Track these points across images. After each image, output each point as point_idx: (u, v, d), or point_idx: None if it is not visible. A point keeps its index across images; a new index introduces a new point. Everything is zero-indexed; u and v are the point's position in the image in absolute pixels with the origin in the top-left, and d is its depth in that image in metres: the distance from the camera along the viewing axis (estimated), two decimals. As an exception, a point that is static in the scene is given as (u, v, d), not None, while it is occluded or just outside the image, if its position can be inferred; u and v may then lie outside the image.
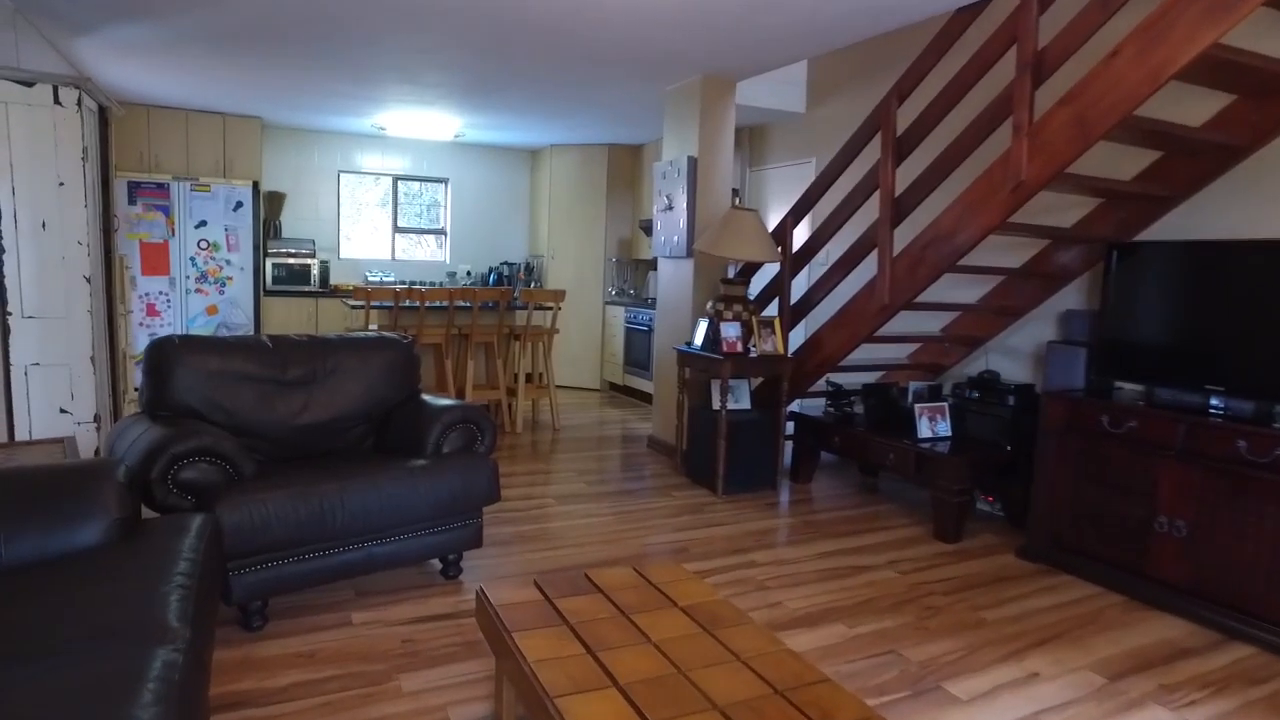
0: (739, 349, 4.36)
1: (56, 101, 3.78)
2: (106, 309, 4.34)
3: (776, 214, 6.20)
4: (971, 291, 4.51)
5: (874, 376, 5.06)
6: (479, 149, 8.40)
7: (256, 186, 6.93)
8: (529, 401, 6.79)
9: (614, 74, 4.94)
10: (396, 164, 8.12)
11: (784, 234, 4.70)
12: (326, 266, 7.54)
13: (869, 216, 4.66)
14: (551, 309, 5.95)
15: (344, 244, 8.03)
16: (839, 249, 5.08)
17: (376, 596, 2.94)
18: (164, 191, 6.53)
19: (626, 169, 7.85)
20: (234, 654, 2.48)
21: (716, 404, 4.48)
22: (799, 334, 5.62)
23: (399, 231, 8.30)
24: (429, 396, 3.35)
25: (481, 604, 2.13)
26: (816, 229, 4.48)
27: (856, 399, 4.63)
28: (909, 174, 4.24)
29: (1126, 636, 2.81)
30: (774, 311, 5.54)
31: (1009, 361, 4.36)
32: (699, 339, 4.56)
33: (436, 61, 4.81)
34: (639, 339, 7.08)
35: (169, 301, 6.62)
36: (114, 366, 4.47)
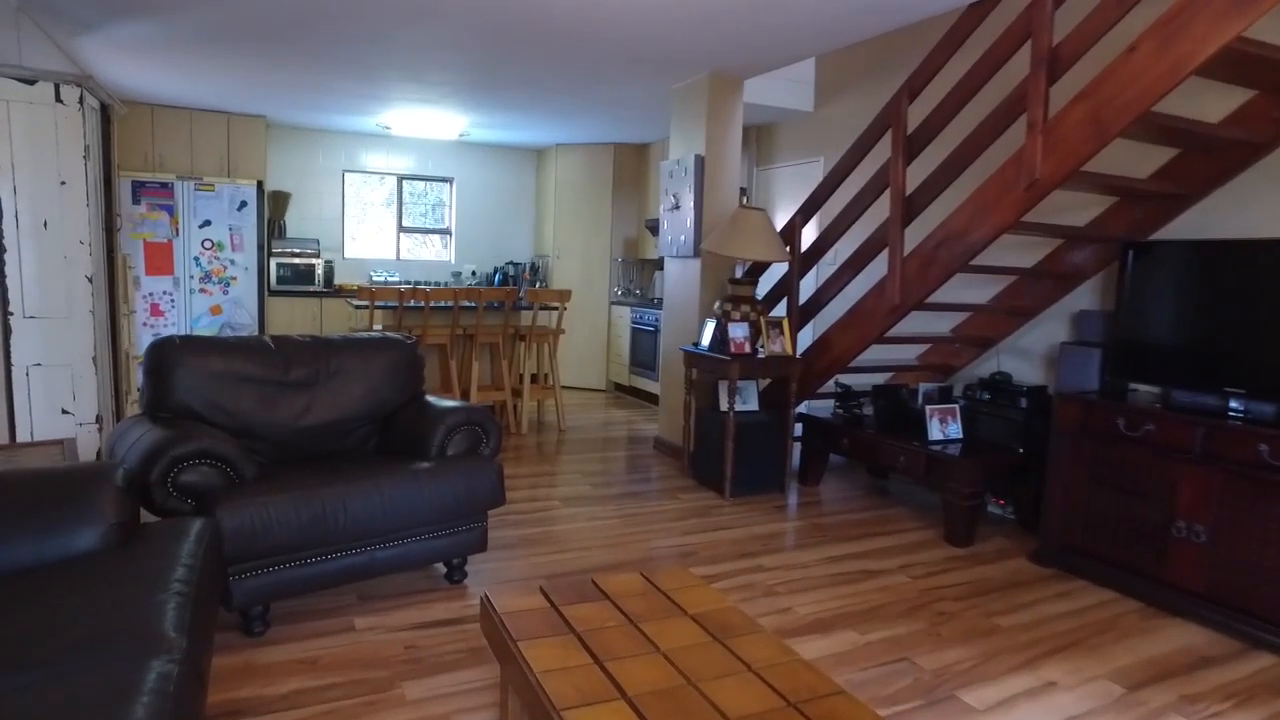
0: (747, 350, 4.31)
1: (58, 99, 3.74)
2: (109, 309, 4.31)
3: (784, 213, 6.15)
4: (982, 291, 4.45)
5: (883, 378, 5.01)
6: (484, 148, 8.36)
7: (261, 186, 6.89)
8: (534, 402, 6.75)
9: (620, 72, 4.89)
10: (401, 163, 8.08)
11: (792, 233, 4.65)
12: (331, 266, 7.51)
13: (878, 216, 4.61)
14: (557, 309, 5.91)
15: (349, 244, 8.00)
16: (847, 249, 5.03)
17: (380, 601, 2.89)
18: (168, 191, 6.50)
19: (632, 168, 7.80)
20: (234, 660, 2.43)
21: (724, 405, 4.43)
22: (806, 335, 5.57)
23: (404, 231, 8.27)
24: (433, 398, 3.31)
25: (486, 611, 2.08)
26: (825, 228, 4.42)
27: (866, 400, 4.57)
28: (920, 173, 4.18)
29: (1145, 644, 2.75)
30: (782, 312, 5.49)
31: (1020, 363, 4.29)
32: (706, 340, 4.51)
33: (441, 60, 4.77)
34: (645, 339, 7.03)
35: (173, 301, 6.59)
36: (116, 367, 4.44)
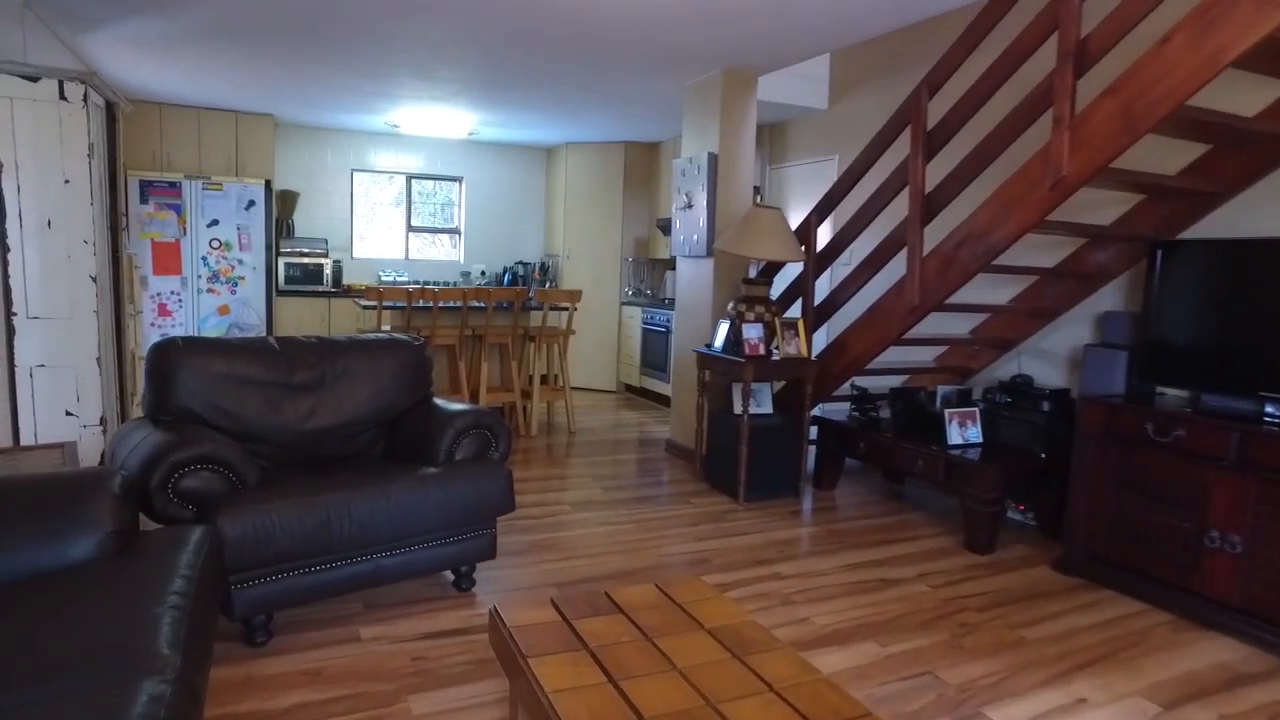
0: (761, 351, 4.21)
1: (62, 97, 3.68)
2: (114, 309, 4.25)
3: (797, 213, 6.05)
4: (1002, 292, 4.35)
5: (899, 380, 4.91)
6: (494, 147, 8.29)
7: (269, 185, 6.85)
8: (544, 404, 6.67)
9: (632, 68, 4.81)
10: (410, 162, 8.02)
11: (807, 232, 4.56)
12: (339, 266, 7.46)
13: (894, 216, 4.51)
14: (567, 309, 5.83)
15: (357, 243, 7.95)
16: (863, 249, 4.93)
17: (386, 610, 2.82)
18: (176, 190, 6.46)
19: (643, 167, 7.72)
20: (235, 672, 2.36)
21: (738, 408, 4.34)
22: (820, 337, 5.47)
23: (413, 231, 8.21)
24: (441, 400, 3.23)
25: (495, 624, 2.00)
26: (842, 227, 4.32)
27: (883, 403, 4.47)
28: (939, 171, 4.09)
29: (1178, 659, 2.65)
30: (797, 313, 5.40)
31: (1042, 365, 4.19)
32: (719, 341, 4.42)
33: (450, 56, 4.70)
34: (656, 340, 6.95)
35: (180, 301, 6.55)
36: (121, 368, 4.39)
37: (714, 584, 3.17)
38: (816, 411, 4.77)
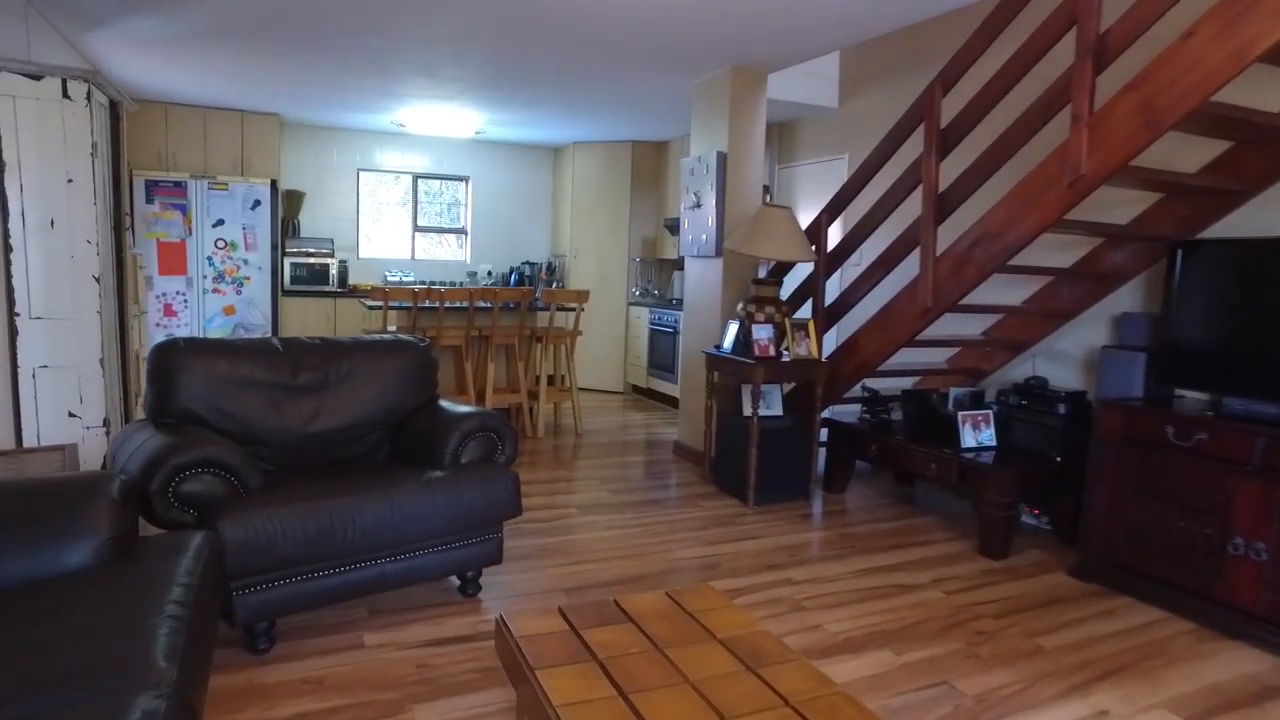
0: (771, 353, 4.15)
1: (65, 95, 3.65)
2: (118, 309, 4.22)
3: (806, 212, 5.99)
4: (1016, 293, 4.28)
5: (910, 382, 4.84)
6: (500, 146, 8.25)
7: (275, 185, 6.82)
8: (551, 405, 6.62)
9: (640, 66, 4.75)
10: (416, 162, 7.99)
11: (818, 232, 4.49)
12: (345, 266, 7.43)
13: (906, 216, 4.45)
14: (574, 310, 5.78)
15: (363, 243, 7.91)
16: (873, 249, 4.87)
17: (390, 615, 2.77)
18: (181, 190, 6.44)
19: (651, 166, 7.66)
20: (236, 680, 2.32)
21: (747, 410, 4.28)
22: (829, 339, 5.41)
23: (419, 231, 8.17)
24: (447, 403, 3.18)
25: (501, 634, 1.95)
26: (853, 227, 4.26)
27: (894, 405, 4.41)
28: (952, 169, 4.02)
29: (1202, 670, 2.58)
30: (807, 314, 5.34)
31: (1057, 367, 4.12)
32: (729, 342, 4.36)
33: (456, 53, 4.65)
34: (663, 341, 6.89)
35: (186, 302, 6.52)
36: (125, 369, 4.35)
37: (724, 589, 3.11)
38: (826, 414, 4.71)
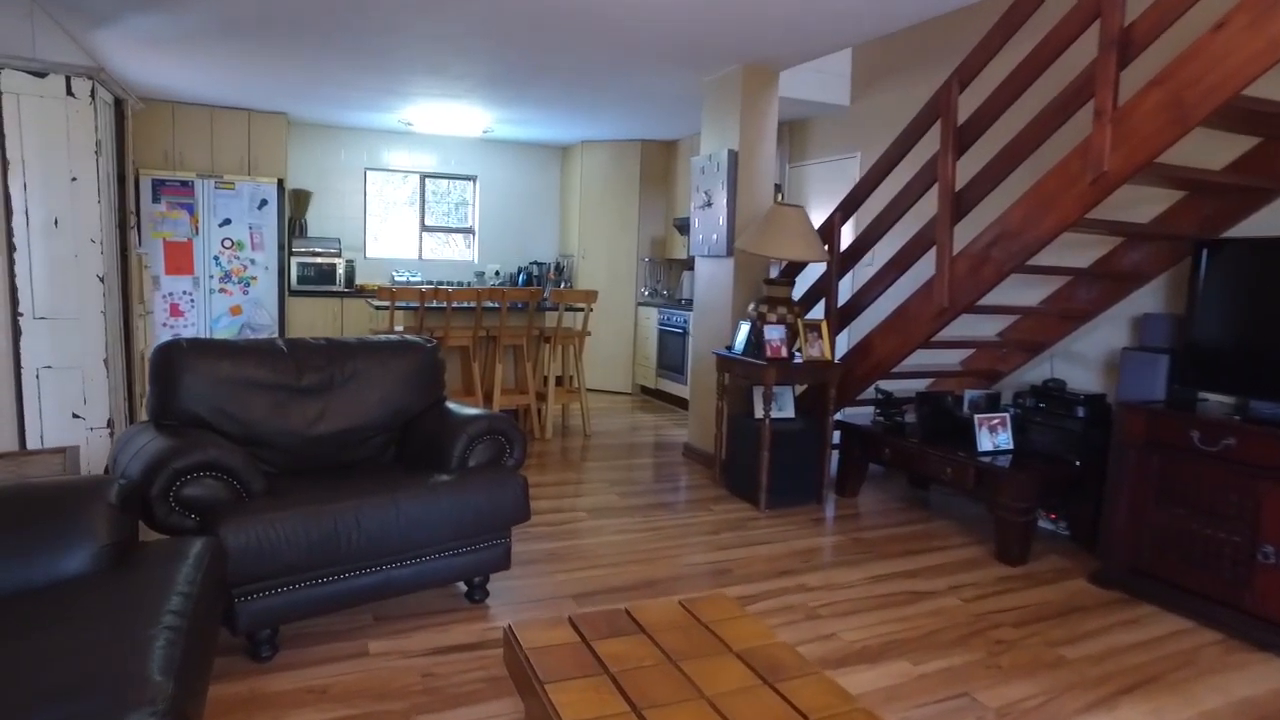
0: (783, 354, 4.08)
1: (69, 93, 3.61)
2: (122, 309, 4.17)
3: (817, 212, 5.91)
4: (1032, 293, 4.20)
5: (923, 384, 4.77)
6: (508, 145, 8.20)
7: (281, 184, 6.77)
8: (559, 406, 6.56)
9: (650, 64, 4.69)
10: (424, 161, 7.94)
11: (831, 231, 4.42)
12: (352, 266, 7.38)
13: (919, 216, 4.37)
14: (583, 310, 5.72)
15: (370, 243, 7.87)
16: (886, 249, 4.79)
17: (396, 622, 2.71)
18: (188, 189, 6.40)
19: (660, 165, 7.60)
20: (238, 688, 2.26)
21: (759, 412, 4.21)
22: (840, 341, 5.33)
23: (426, 230, 8.13)
24: (454, 405, 3.13)
25: (510, 645, 1.89)
26: (867, 226, 4.18)
27: (908, 408, 4.34)
28: (968, 168, 3.94)
29: (1232, 683, 2.50)
30: (818, 314, 5.27)
31: (1075, 369, 4.04)
32: (740, 343, 4.29)
33: (464, 50, 4.59)
34: (673, 341, 6.83)
35: (193, 301, 6.49)
36: (130, 369, 4.31)
37: (736, 596, 3.04)
38: (838, 416, 4.64)
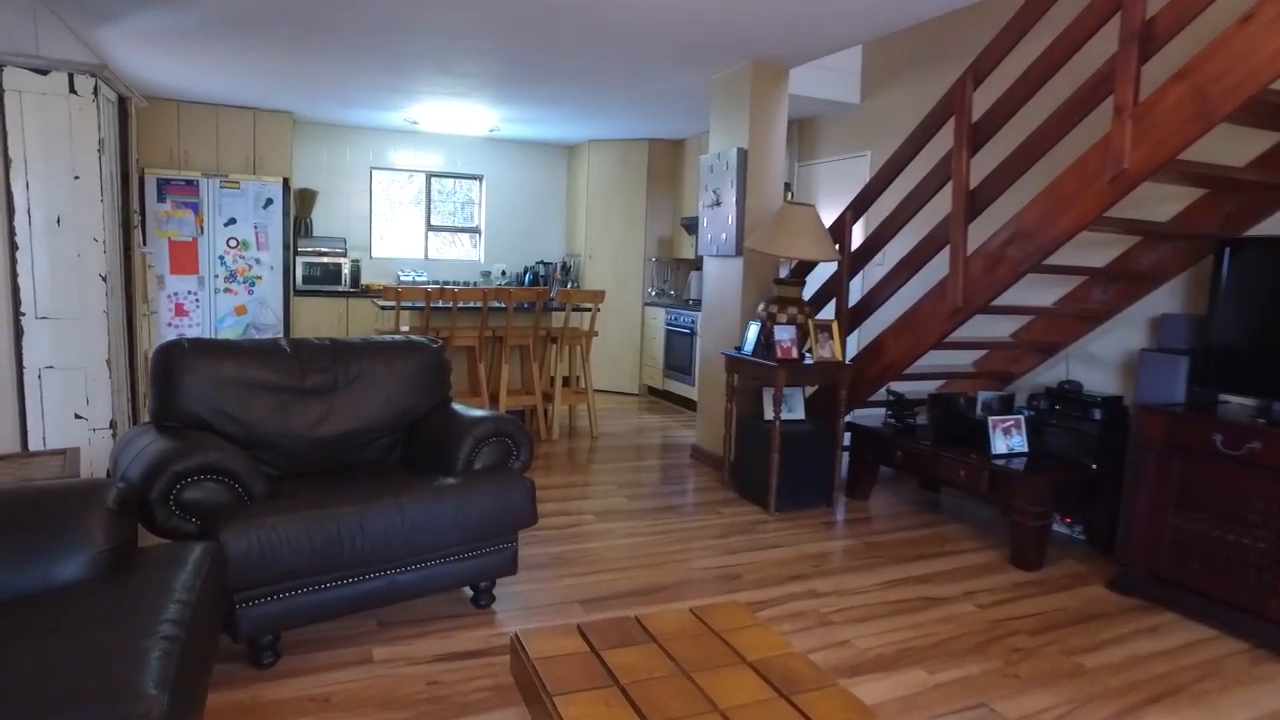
0: (794, 355, 4.02)
1: (72, 90, 3.57)
2: (125, 309, 4.14)
3: (826, 210, 5.85)
4: (1045, 293, 4.13)
5: (934, 385, 4.70)
6: (515, 145, 8.15)
7: (287, 183, 6.74)
8: (566, 407, 6.51)
9: (658, 61, 4.63)
10: (430, 160, 7.90)
11: (842, 230, 4.36)
12: (358, 266, 7.35)
13: (931, 215, 4.30)
14: (590, 310, 5.67)
15: (376, 243, 7.83)
16: (897, 249, 4.72)
17: (401, 628, 2.66)
18: (193, 188, 6.37)
19: (667, 165, 7.54)
20: (239, 696, 2.21)
21: (769, 414, 4.15)
22: (851, 341, 5.27)
23: (432, 230, 8.08)
24: (460, 406, 3.07)
25: (517, 654, 1.83)
26: (880, 224, 4.12)
27: (920, 409, 4.27)
28: (983, 165, 3.88)
29: (1261, 695, 2.43)
30: (829, 314, 5.21)
31: (1091, 370, 3.97)
32: (750, 343, 4.23)
33: (470, 48, 4.54)
34: (680, 342, 6.77)
35: (198, 301, 6.46)
36: (134, 369, 4.27)
37: (747, 601, 2.99)
38: (848, 418, 4.58)
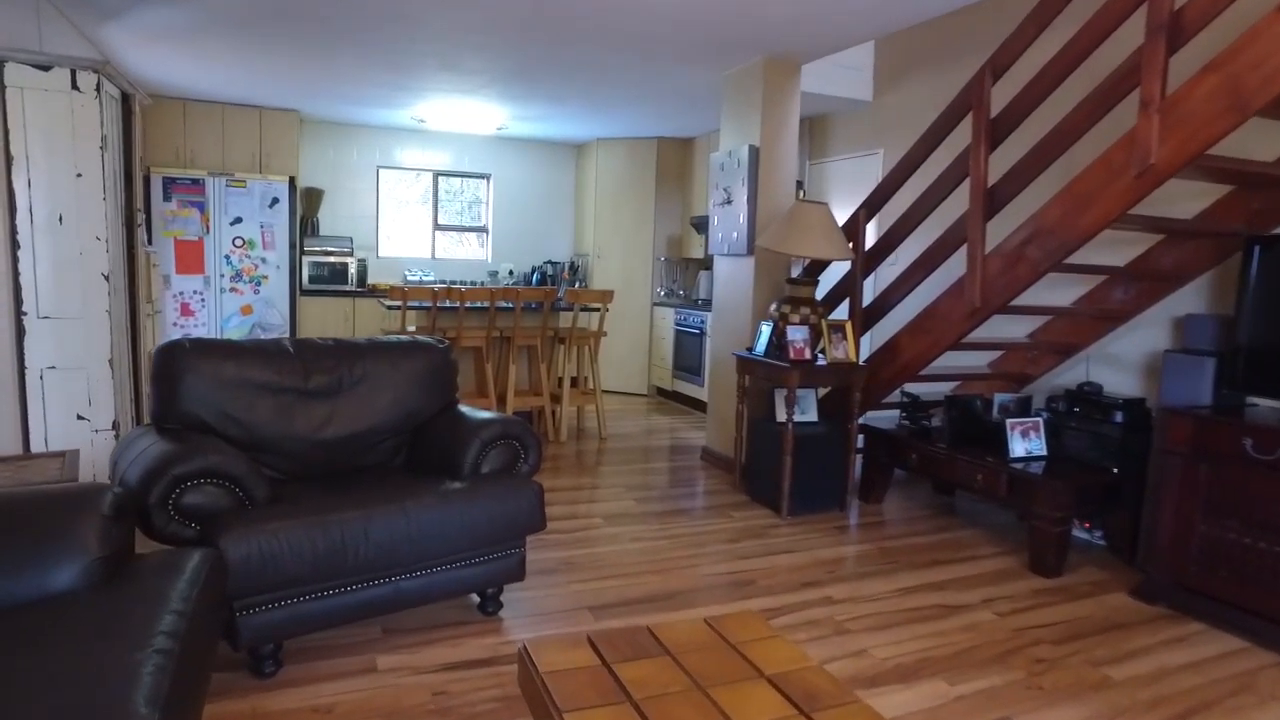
0: (807, 355, 3.94)
1: (74, 86, 3.52)
2: (129, 308, 4.09)
3: (838, 209, 5.76)
4: (1063, 293, 4.04)
5: (948, 387, 4.61)
6: (522, 143, 8.09)
7: (293, 182, 6.69)
8: (574, 408, 6.45)
9: (668, 56, 4.56)
10: (437, 159, 7.84)
11: (856, 229, 4.28)
12: (365, 265, 7.30)
13: (945, 215, 4.22)
14: (598, 310, 5.60)
15: (383, 242, 7.78)
16: (912, 248, 4.64)
17: (405, 635, 2.60)
18: (199, 187, 6.33)
19: (676, 163, 7.47)
20: (240, 706, 2.15)
21: (781, 416, 4.07)
22: (864, 342, 5.18)
23: (439, 229, 8.03)
24: (467, 408, 3.01)
25: (525, 667, 1.76)
26: (894, 223, 4.04)
27: (935, 412, 4.19)
28: (1002, 161, 3.79)
29: (1296, 710, 2.35)
30: (842, 314, 5.13)
31: (1111, 372, 3.87)
32: (761, 344, 4.16)
33: (478, 44, 4.48)
34: (689, 342, 6.69)
35: (203, 301, 6.42)
36: (137, 369, 4.22)
37: (760, 609, 2.91)
38: (862, 420, 4.49)
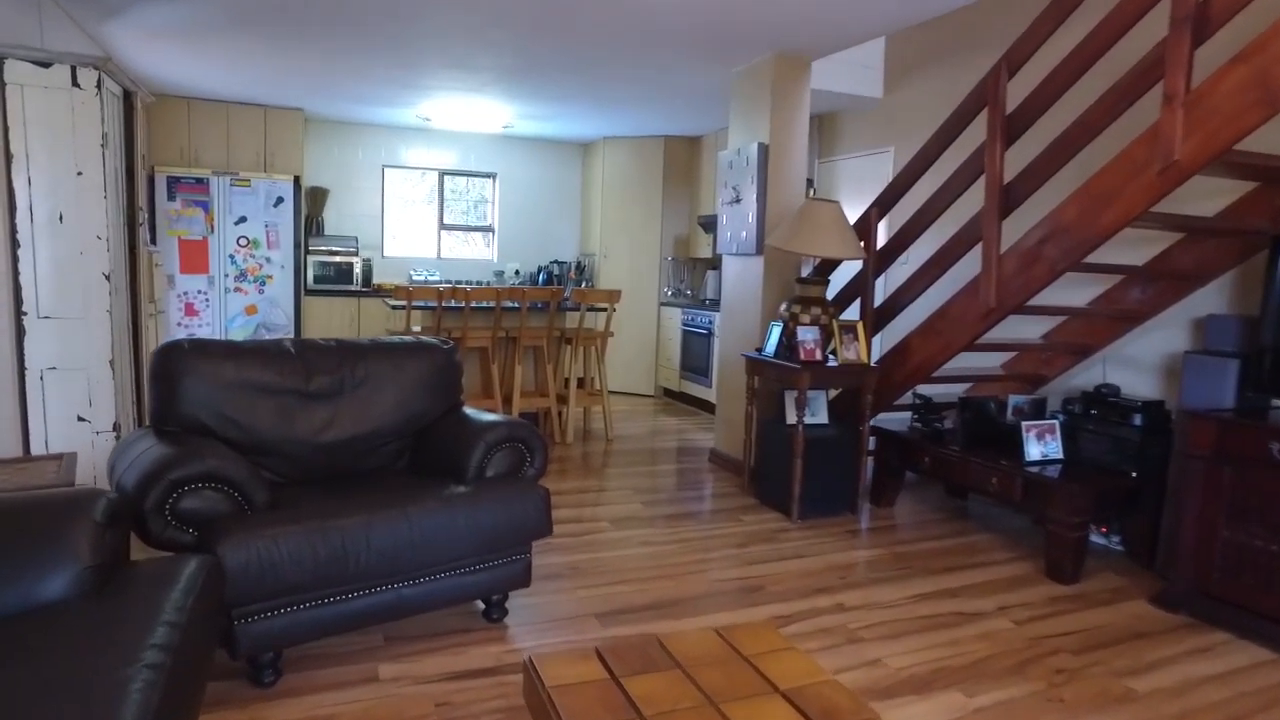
0: (817, 357, 3.87)
1: (75, 84, 3.47)
2: (130, 308, 4.04)
3: (849, 208, 5.69)
4: (1079, 293, 3.96)
5: (961, 389, 4.54)
6: (528, 142, 8.03)
7: (298, 181, 6.65)
8: (580, 409, 6.38)
9: (676, 53, 4.49)
10: (442, 158, 7.79)
11: (868, 228, 4.20)
12: (370, 265, 7.25)
13: (958, 215, 4.14)
14: (605, 310, 5.54)
15: (388, 242, 7.73)
16: (925, 247, 4.57)
17: (408, 643, 2.54)
18: (203, 187, 6.29)
19: (684, 162, 7.40)
20: (238, 716, 2.09)
21: (791, 418, 4.00)
22: (875, 342, 5.11)
23: (445, 229, 7.98)
24: (471, 410, 2.95)
25: (531, 681, 1.70)
26: (907, 221, 3.96)
27: (948, 414, 4.11)
28: (1018, 159, 3.72)
29: (1328, 724, 2.27)
30: (853, 315, 5.05)
31: (1129, 374, 3.80)
32: (771, 345, 4.09)
33: (482, 42, 4.42)
34: (697, 342, 6.62)
35: (208, 301, 6.38)
36: (138, 370, 4.18)
37: (770, 616, 2.84)
38: (873, 422, 4.42)
